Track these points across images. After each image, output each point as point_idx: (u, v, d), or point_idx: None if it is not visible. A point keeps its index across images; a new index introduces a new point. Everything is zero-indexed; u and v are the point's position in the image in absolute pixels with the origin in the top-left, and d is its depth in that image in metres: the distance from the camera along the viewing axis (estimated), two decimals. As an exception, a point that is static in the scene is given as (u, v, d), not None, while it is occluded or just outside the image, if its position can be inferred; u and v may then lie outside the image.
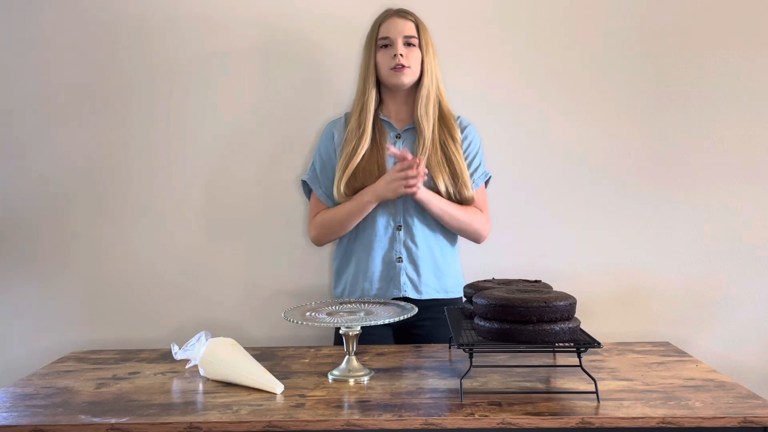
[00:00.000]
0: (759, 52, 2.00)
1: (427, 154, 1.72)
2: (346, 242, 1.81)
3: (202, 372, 1.42)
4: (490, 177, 1.88)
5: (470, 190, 1.75)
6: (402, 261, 1.75)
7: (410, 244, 1.75)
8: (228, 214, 2.06)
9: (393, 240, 1.75)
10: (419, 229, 1.75)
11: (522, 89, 2.03)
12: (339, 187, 1.73)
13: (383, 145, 1.75)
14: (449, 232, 1.79)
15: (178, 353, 1.45)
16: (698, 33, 2.00)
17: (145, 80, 2.04)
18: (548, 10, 2.01)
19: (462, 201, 1.75)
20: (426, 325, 1.75)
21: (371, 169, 1.72)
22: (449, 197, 1.73)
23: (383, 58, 1.73)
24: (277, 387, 1.32)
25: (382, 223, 1.75)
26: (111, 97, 2.05)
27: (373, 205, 1.71)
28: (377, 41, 1.74)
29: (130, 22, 2.03)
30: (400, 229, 1.75)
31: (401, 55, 1.70)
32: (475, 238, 1.80)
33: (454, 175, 1.73)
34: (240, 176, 2.06)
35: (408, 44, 1.72)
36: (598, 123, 2.03)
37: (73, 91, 2.05)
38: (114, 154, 2.06)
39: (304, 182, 1.87)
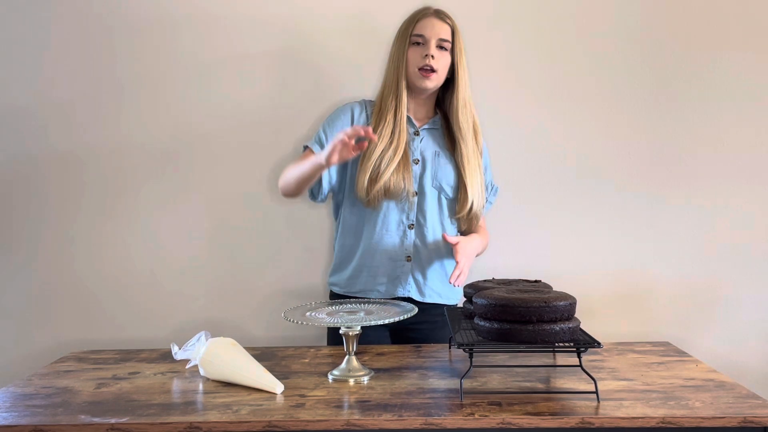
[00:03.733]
0: (759, 53, 2.00)
1: (471, 164, 1.72)
2: (353, 233, 1.76)
3: (202, 372, 1.42)
4: (498, 189, 1.90)
5: (467, 210, 1.73)
6: (410, 260, 1.73)
7: (419, 244, 1.73)
8: (228, 214, 2.06)
9: (403, 238, 1.72)
10: (431, 230, 1.73)
11: (522, 89, 2.03)
12: (363, 185, 1.67)
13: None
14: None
15: (178, 353, 1.45)
16: (698, 34, 2.00)
17: (148, 81, 2.04)
18: (547, 11, 2.01)
19: (459, 215, 1.74)
20: (423, 328, 1.74)
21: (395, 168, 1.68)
22: (475, 206, 1.73)
23: (413, 56, 1.68)
24: (277, 387, 1.32)
25: (394, 219, 1.72)
26: (112, 98, 2.05)
27: (323, 168, 1.57)
28: (411, 37, 1.69)
29: (137, 21, 2.03)
30: (412, 228, 1.73)
31: (432, 56, 1.66)
32: None
33: (480, 189, 1.74)
34: (240, 176, 2.06)
35: (441, 47, 1.68)
36: (599, 123, 2.03)
37: (74, 92, 2.05)
38: (114, 155, 2.06)
39: (305, 147, 1.76)
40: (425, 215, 1.73)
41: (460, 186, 1.73)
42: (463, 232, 1.80)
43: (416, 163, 1.74)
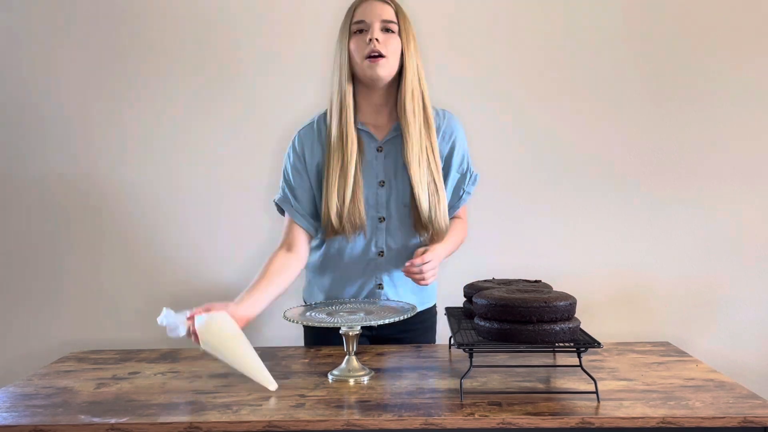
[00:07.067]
0: (759, 53, 2.00)
1: (417, 162, 1.51)
2: (320, 261, 1.65)
3: (201, 342, 1.33)
4: (477, 177, 1.68)
5: (443, 211, 1.55)
6: (382, 288, 1.62)
7: (392, 269, 1.61)
8: (227, 214, 2.06)
9: (374, 267, 1.61)
10: (402, 252, 1.59)
11: (523, 88, 2.03)
12: (330, 219, 1.52)
13: (362, 160, 1.54)
14: None
15: (169, 315, 1.35)
16: (699, 34, 2.01)
17: (145, 81, 2.04)
18: (549, 7, 2.01)
19: (433, 217, 1.55)
20: (404, 337, 1.69)
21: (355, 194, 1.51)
22: (427, 212, 1.54)
23: (357, 45, 1.48)
24: (270, 385, 1.31)
25: (361, 248, 1.59)
26: (110, 97, 2.05)
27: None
28: (351, 26, 1.49)
29: (132, 21, 2.04)
30: (382, 255, 1.60)
31: (377, 40, 1.45)
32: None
33: (431, 191, 1.53)
34: (239, 176, 2.06)
35: (386, 30, 1.48)
36: (599, 123, 2.03)
37: (73, 94, 2.05)
38: (114, 155, 2.06)
39: (275, 203, 1.66)
40: (395, 239, 1.59)
41: (412, 191, 1.52)
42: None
43: (381, 185, 1.56)
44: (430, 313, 1.74)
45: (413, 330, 1.70)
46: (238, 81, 2.05)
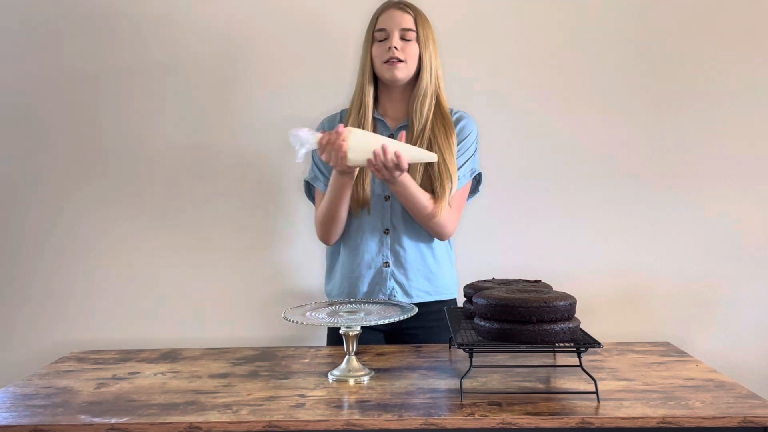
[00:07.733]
0: (759, 53, 2.00)
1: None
2: (332, 247, 1.77)
3: (349, 140, 1.49)
4: (479, 175, 1.76)
5: (452, 185, 1.64)
6: (389, 266, 1.70)
7: (398, 248, 1.70)
8: (228, 214, 2.06)
9: (380, 244, 1.70)
10: (408, 232, 1.70)
11: (524, 87, 2.03)
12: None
13: None
14: None
15: (300, 130, 1.50)
16: (700, 34, 2.01)
17: (145, 80, 2.04)
18: (553, 7, 2.01)
19: (437, 188, 1.64)
20: (418, 334, 1.71)
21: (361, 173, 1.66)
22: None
23: (378, 52, 1.66)
24: (433, 157, 1.53)
25: (368, 226, 1.70)
26: (114, 101, 2.05)
27: (345, 179, 1.59)
28: (374, 34, 1.68)
29: (131, 20, 2.04)
30: (388, 233, 1.70)
31: (396, 48, 1.63)
32: (438, 233, 1.68)
33: (432, 181, 1.64)
34: (240, 176, 2.06)
35: (405, 39, 1.65)
36: (599, 123, 2.03)
37: (72, 90, 2.05)
38: (113, 153, 2.06)
39: (306, 183, 1.80)
40: (399, 218, 1.69)
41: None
42: None
43: None
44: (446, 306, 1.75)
45: (429, 327, 1.71)
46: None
